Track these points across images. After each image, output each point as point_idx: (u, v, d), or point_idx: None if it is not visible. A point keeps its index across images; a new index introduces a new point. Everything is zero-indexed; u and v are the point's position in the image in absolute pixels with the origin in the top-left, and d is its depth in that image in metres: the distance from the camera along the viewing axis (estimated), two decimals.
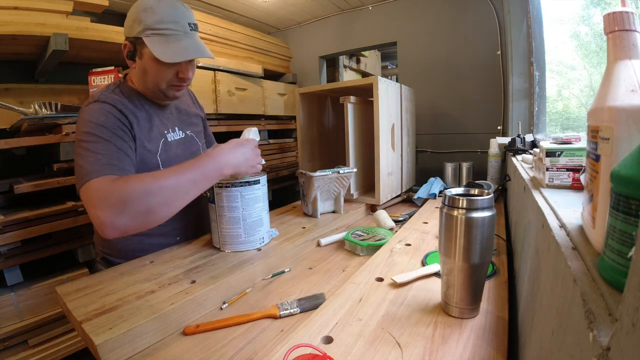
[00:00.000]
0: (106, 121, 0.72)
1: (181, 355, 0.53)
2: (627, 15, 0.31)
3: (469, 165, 1.55)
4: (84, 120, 0.72)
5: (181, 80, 0.82)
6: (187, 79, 0.82)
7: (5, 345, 1.06)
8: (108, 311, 0.58)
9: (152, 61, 0.77)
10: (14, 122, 1.23)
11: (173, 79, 0.81)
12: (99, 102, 0.75)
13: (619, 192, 0.24)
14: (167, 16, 0.75)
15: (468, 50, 1.69)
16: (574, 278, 0.27)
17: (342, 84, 1.32)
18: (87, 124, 0.71)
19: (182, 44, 0.76)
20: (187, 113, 0.98)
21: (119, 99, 0.78)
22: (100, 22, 1.34)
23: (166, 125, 0.89)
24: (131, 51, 0.79)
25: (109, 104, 0.75)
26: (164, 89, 0.81)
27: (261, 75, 1.96)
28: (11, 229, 1.05)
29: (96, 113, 0.73)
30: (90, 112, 0.73)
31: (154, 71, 0.78)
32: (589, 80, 1.31)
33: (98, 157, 0.67)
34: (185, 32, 0.77)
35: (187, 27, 0.77)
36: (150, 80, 0.80)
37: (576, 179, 0.57)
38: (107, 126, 0.72)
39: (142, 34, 0.75)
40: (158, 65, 0.77)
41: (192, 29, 0.79)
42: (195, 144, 0.97)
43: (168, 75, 0.79)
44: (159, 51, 0.74)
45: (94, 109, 0.73)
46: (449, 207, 0.51)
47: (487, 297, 0.59)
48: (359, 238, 0.93)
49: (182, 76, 0.81)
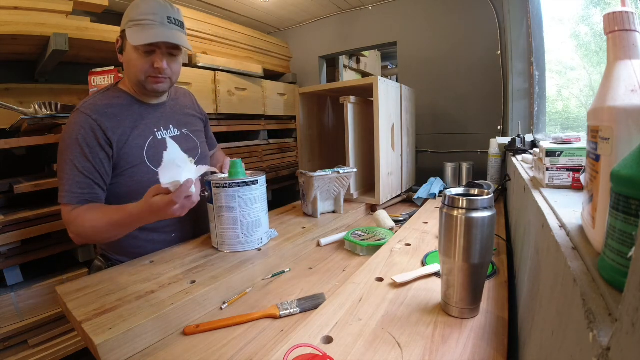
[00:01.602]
0: (79, 136, 0.78)
1: (181, 355, 0.53)
2: (627, 15, 0.31)
3: (469, 165, 1.55)
4: (64, 132, 0.81)
5: (156, 71, 0.83)
6: (162, 69, 0.83)
7: (5, 345, 1.06)
8: (108, 311, 0.58)
9: (132, 51, 0.81)
10: (14, 122, 1.23)
11: (149, 69, 0.83)
12: (78, 112, 0.81)
13: (619, 192, 0.24)
14: (147, 9, 0.80)
15: (468, 50, 1.69)
16: (574, 278, 0.27)
17: (342, 84, 1.32)
18: (65, 138, 0.79)
19: (155, 31, 0.79)
20: (183, 113, 1.00)
21: (99, 106, 0.82)
22: (100, 22, 1.34)
23: (157, 124, 0.91)
24: (120, 46, 0.85)
25: (85, 114, 0.80)
26: (142, 80, 0.84)
27: (261, 75, 1.96)
28: (11, 229, 1.05)
29: (73, 126, 0.79)
30: (69, 124, 0.80)
31: (133, 61, 0.82)
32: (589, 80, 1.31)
33: (68, 181, 0.77)
34: (162, 23, 0.80)
35: (165, 19, 0.81)
36: (131, 73, 0.84)
37: (576, 179, 0.57)
38: (80, 143, 0.78)
39: (125, 26, 0.81)
40: (135, 54, 0.81)
41: (171, 22, 0.82)
42: (192, 141, 0.99)
43: (145, 65, 0.82)
44: (133, 37, 0.78)
45: (72, 122, 0.80)
46: (449, 207, 0.51)
47: (487, 297, 0.59)
48: (359, 238, 0.93)
49: (156, 66, 0.82)
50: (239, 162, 0.85)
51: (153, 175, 0.87)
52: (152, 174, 0.86)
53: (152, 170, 0.86)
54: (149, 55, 0.82)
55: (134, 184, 0.85)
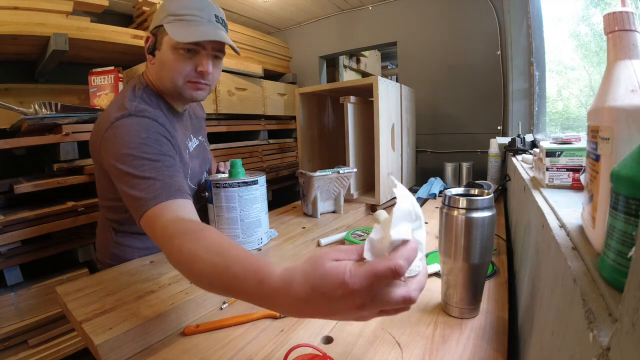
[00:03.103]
0: (148, 139, 0.64)
1: (181, 355, 0.53)
2: (627, 15, 0.31)
3: (469, 165, 1.55)
4: (122, 140, 0.64)
5: (200, 76, 0.73)
6: (207, 73, 0.73)
7: (5, 345, 1.06)
8: (108, 311, 0.58)
9: (170, 50, 0.71)
10: (14, 122, 1.23)
11: (191, 73, 0.73)
12: (135, 117, 0.67)
13: (619, 192, 0.24)
14: (191, 3, 0.70)
15: (468, 50, 1.69)
16: (574, 278, 0.27)
17: (342, 84, 1.32)
18: (127, 144, 0.63)
19: (203, 28, 0.69)
20: (197, 117, 0.94)
21: (154, 111, 0.71)
22: (100, 22, 1.34)
23: (185, 135, 0.84)
24: (152, 44, 0.74)
25: (148, 119, 0.68)
26: (180, 85, 0.73)
27: (261, 75, 1.96)
28: (11, 229, 1.05)
29: (135, 130, 0.65)
30: (127, 129, 0.65)
31: (171, 62, 0.71)
32: (589, 80, 1.31)
33: (150, 182, 0.60)
34: (210, 21, 0.71)
35: (212, 17, 0.71)
36: (167, 76, 0.73)
37: (576, 179, 0.57)
38: (151, 144, 0.64)
39: (163, 21, 0.70)
40: (175, 54, 0.71)
41: (218, 21, 0.72)
42: (206, 150, 0.95)
43: (186, 68, 0.72)
44: (176, 33, 0.68)
45: (131, 125, 0.65)
46: (449, 207, 0.51)
47: (487, 297, 0.59)
48: (359, 238, 0.93)
49: (200, 69, 0.72)
50: (238, 162, 0.85)
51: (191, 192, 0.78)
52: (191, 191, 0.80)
53: (192, 188, 0.81)
54: (192, 56, 0.72)
55: None
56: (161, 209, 0.57)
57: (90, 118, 1.19)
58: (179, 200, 0.59)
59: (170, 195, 0.59)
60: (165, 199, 0.58)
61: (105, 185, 0.77)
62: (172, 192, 0.60)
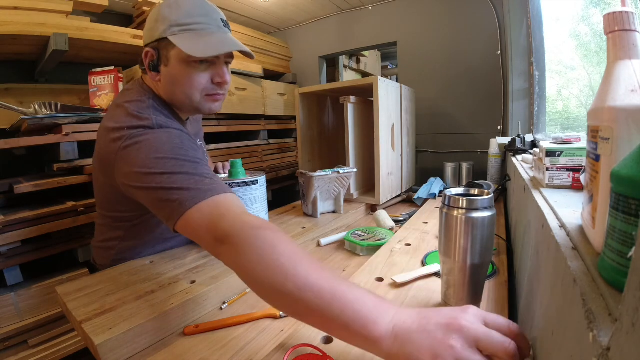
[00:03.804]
0: (182, 144, 0.59)
1: (181, 355, 0.53)
2: (627, 15, 0.31)
3: (469, 165, 1.55)
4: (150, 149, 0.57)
5: (218, 86, 0.69)
6: (225, 82, 0.70)
7: (5, 345, 1.06)
8: (108, 311, 0.58)
9: (181, 65, 0.65)
10: (14, 122, 1.23)
11: (208, 86, 0.68)
12: (162, 129, 0.62)
13: (619, 192, 0.24)
14: (195, 9, 0.65)
15: (468, 50, 1.69)
16: (574, 278, 0.27)
17: (342, 84, 1.32)
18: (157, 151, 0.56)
19: (217, 38, 0.65)
20: (197, 120, 0.91)
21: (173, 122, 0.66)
22: (100, 22, 1.34)
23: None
24: (154, 59, 0.67)
25: (177, 130, 0.63)
26: (197, 101, 0.69)
27: (261, 75, 1.96)
28: (11, 229, 1.05)
29: (165, 139, 0.59)
30: (155, 138, 0.59)
31: (185, 77, 0.66)
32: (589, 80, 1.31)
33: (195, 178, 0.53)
34: (219, 27, 0.66)
35: (220, 22, 0.67)
36: (181, 92, 0.68)
37: (576, 179, 0.57)
38: (187, 149, 0.58)
39: (167, 33, 0.64)
40: (189, 68, 0.66)
41: (225, 25, 0.68)
42: (205, 153, 0.93)
43: (202, 81, 0.67)
44: (189, 46, 0.62)
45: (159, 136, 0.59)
46: (449, 207, 0.51)
47: (487, 297, 0.59)
48: (359, 238, 0.93)
49: (219, 80, 0.68)
50: (238, 162, 0.85)
51: None
52: None
53: None
54: (206, 68, 0.67)
55: None
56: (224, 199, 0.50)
57: (90, 118, 1.19)
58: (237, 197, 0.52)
59: (226, 190, 0.52)
60: (221, 192, 0.51)
61: (112, 199, 0.72)
62: (226, 189, 0.53)
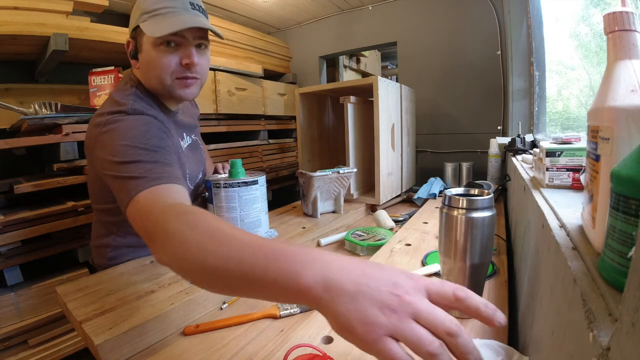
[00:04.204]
0: (148, 132, 0.61)
1: (181, 355, 0.53)
2: (627, 15, 0.31)
3: (469, 165, 1.55)
4: (119, 135, 0.60)
5: (186, 68, 0.69)
6: (193, 64, 0.69)
7: (5, 345, 1.06)
8: (108, 311, 0.58)
9: (151, 49, 0.67)
10: (14, 122, 1.23)
11: (177, 68, 0.69)
12: (133, 115, 0.64)
13: (619, 192, 0.24)
14: None
15: (468, 50, 1.69)
16: (574, 278, 0.27)
17: (342, 84, 1.32)
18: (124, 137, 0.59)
19: (179, 18, 0.66)
20: (190, 114, 0.92)
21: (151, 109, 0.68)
22: (100, 22, 1.34)
23: (179, 134, 0.82)
24: (133, 48, 0.71)
25: (149, 116, 0.65)
26: (169, 84, 0.70)
27: (261, 75, 1.96)
28: (11, 229, 1.05)
29: (133, 125, 0.62)
30: (125, 124, 0.62)
31: (155, 61, 0.68)
32: (589, 80, 1.31)
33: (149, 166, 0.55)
34: (186, 9, 0.67)
35: (187, 4, 0.67)
36: (154, 76, 0.70)
37: (576, 179, 0.57)
38: (151, 137, 0.60)
39: (139, 21, 0.66)
40: (158, 52, 0.67)
41: (194, 7, 0.68)
42: (199, 149, 0.93)
43: (170, 63, 0.68)
44: (152, 29, 0.64)
45: (129, 122, 0.62)
46: (449, 207, 0.51)
47: (487, 297, 0.59)
48: (359, 238, 0.93)
49: (186, 61, 0.68)
50: (238, 162, 0.85)
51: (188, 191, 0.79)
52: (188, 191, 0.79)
53: (188, 187, 0.80)
54: (174, 50, 0.68)
55: None
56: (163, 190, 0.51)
57: (90, 118, 1.19)
58: (180, 187, 0.54)
59: (172, 180, 0.54)
60: (166, 182, 0.53)
61: (100, 189, 0.73)
62: (174, 179, 0.54)
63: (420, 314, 0.28)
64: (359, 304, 0.29)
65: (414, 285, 0.30)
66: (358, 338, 0.29)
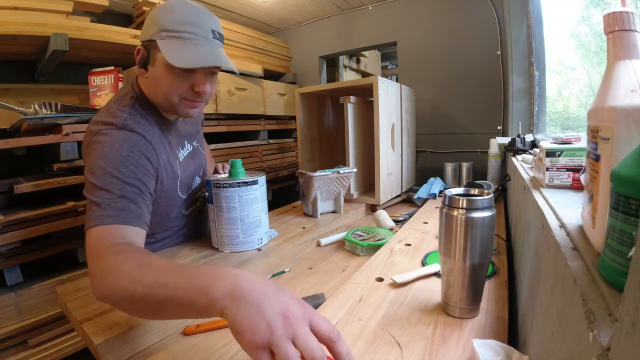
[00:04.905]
0: (128, 158, 0.63)
1: (181, 355, 0.53)
2: (627, 15, 0.31)
3: (469, 165, 1.55)
4: (102, 151, 0.62)
5: (196, 95, 0.71)
6: (204, 93, 0.71)
7: (5, 345, 1.06)
8: (108, 311, 0.58)
9: (164, 68, 0.67)
10: (14, 122, 1.23)
11: (187, 92, 0.70)
12: (123, 131, 0.65)
13: (619, 192, 0.24)
14: (186, 17, 0.66)
15: (468, 50, 1.69)
16: (574, 278, 0.27)
17: (342, 84, 1.32)
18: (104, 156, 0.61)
19: (201, 49, 0.66)
20: (191, 122, 0.91)
21: (144, 125, 0.69)
22: (100, 22, 1.34)
23: (177, 143, 0.82)
24: (144, 57, 0.70)
25: (137, 134, 0.66)
26: (175, 103, 0.71)
27: (261, 75, 1.96)
28: (11, 229, 1.05)
29: (118, 145, 0.63)
30: (111, 140, 0.63)
31: (166, 81, 0.68)
32: (589, 80, 1.32)
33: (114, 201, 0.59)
34: (206, 38, 0.67)
35: (209, 34, 0.68)
36: (161, 92, 0.70)
37: (576, 179, 0.57)
38: (129, 165, 0.62)
39: (156, 36, 0.66)
40: (170, 73, 0.67)
41: (215, 37, 0.69)
42: (201, 154, 0.93)
43: (182, 87, 0.69)
44: (171, 55, 0.64)
45: (115, 138, 0.64)
46: (448, 207, 0.51)
47: (487, 297, 0.59)
48: (359, 238, 0.93)
49: (197, 89, 0.69)
50: (238, 162, 0.85)
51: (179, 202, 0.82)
52: (179, 201, 0.82)
53: (180, 197, 0.82)
54: (188, 75, 0.68)
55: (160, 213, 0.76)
56: (115, 229, 0.57)
57: (90, 118, 1.19)
58: (135, 228, 0.59)
59: (128, 220, 0.58)
60: (122, 221, 0.58)
61: None
62: (132, 218, 0.59)
63: (297, 338, 0.33)
64: (254, 314, 0.34)
65: (302, 314, 0.35)
66: (244, 343, 0.34)
